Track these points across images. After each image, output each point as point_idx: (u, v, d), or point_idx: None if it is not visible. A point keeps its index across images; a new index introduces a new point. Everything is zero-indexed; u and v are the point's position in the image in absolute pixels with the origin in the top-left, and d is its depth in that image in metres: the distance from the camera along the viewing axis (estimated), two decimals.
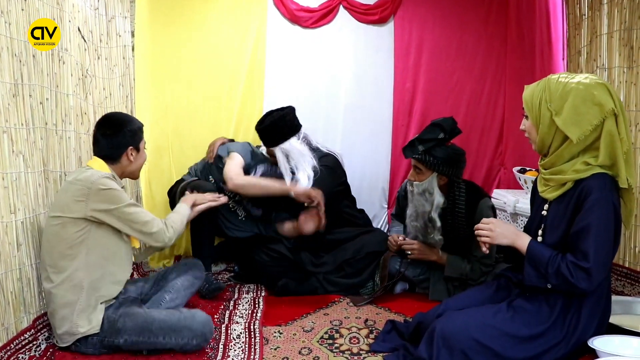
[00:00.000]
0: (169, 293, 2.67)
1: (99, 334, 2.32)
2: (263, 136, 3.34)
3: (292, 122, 3.34)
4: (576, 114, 2.08)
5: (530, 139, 2.25)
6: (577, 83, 2.11)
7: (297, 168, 3.27)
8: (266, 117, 3.37)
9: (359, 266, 3.26)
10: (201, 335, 2.35)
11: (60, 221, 2.30)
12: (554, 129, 2.14)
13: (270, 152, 3.38)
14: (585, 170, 2.10)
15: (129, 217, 2.35)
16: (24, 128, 2.34)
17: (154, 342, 2.32)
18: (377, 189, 4.19)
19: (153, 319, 2.34)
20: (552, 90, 2.13)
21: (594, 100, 2.07)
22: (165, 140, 3.91)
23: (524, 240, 2.19)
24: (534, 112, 2.17)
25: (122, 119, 2.53)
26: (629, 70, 2.99)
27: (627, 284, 3.00)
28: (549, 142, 2.17)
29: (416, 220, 3.05)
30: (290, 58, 4.02)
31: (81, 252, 2.31)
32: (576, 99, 2.08)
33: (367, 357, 2.39)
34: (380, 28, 4.10)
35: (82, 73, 2.93)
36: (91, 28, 3.07)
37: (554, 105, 2.11)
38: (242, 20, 3.95)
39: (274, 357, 2.39)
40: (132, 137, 2.48)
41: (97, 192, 2.28)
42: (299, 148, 3.31)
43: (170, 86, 3.91)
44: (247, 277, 3.45)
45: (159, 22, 3.82)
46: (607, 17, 3.16)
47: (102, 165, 2.43)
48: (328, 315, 2.88)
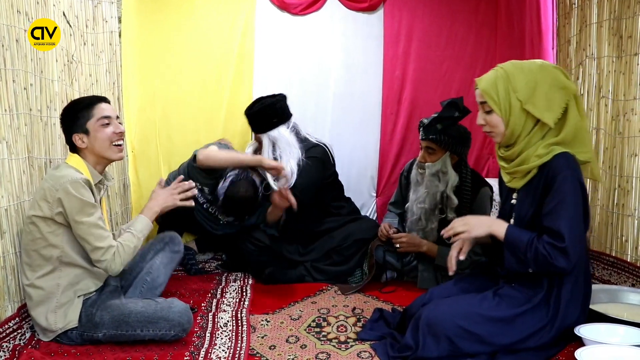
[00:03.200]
0: (149, 274, 2.63)
1: (77, 328, 2.30)
2: (252, 121, 3.31)
3: (282, 110, 3.31)
4: (547, 99, 2.12)
5: (495, 132, 2.23)
6: (540, 69, 2.15)
7: (281, 157, 3.24)
8: (256, 102, 3.34)
9: (346, 254, 3.25)
10: (178, 325, 2.31)
11: (33, 220, 2.25)
12: (524, 118, 2.15)
13: (258, 138, 3.35)
14: (547, 154, 2.13)
15: (83, 234, 2.23)
16: (7, 114, 2.30)
17: (132, 334, 2.30)
18: (366, 177, 4.17)
19: (130, 312, 2.30)
20: (515, 80, 2.14)
21: (559, 84, 2.13)
22: (152, 128, 3.88)
23: (501, 226, 2.19)
24: (502, 105, 2.16)
25: (65, 108, 2.42)
26: (618, 59, 2.99)
27: (614, 272, 3.02)
28: (519, 131, 2.17)
29: (424, 202, 3.05)
30: (279, 45, 3.99)
31: (56, 252, 2.26)
32: (544, 86, 2.12)
33: (354, 345, 2.39)
34: (370, 15, 4.07)
35: (68, 59, 2.89)
36: (77, 13, 3.02)
37: (522, 94, 2.12)
38: (230, 7, 3.91)
39: (261, 345, 2.39)
40: (72, 123, 2.35)
41: (62, 194, 2.19)
42: (287, 137, 3.28)
43: (158, 73, 3.87)
44: (234, 265, 3.44)
45: (146, 8, 3.78)
46: (597, 7, 3.16)
47: (78, 162, 2.35)
48: (316, 304, 2.87)
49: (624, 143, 2.95)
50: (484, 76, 2.23)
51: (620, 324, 2.31)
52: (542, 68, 2.16)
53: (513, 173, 2.24)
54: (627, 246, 2.98)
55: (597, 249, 3.20)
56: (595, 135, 3.21)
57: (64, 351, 2.24)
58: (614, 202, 3.04)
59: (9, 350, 2.16)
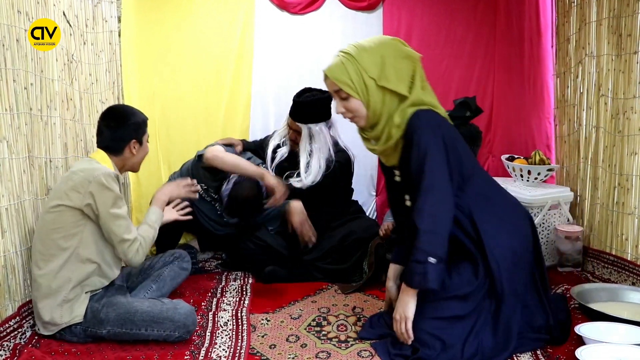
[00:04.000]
0: (156, 282, 2.67)
1: (81, 324, 2.31)
2: (299, 109, 3.36)
3: (329, 108, 3.37)
4: (396, 71, 2.18)
5: (357, 117, 2.27)
6: (380, 44, 2.22)
7: (312, 153, 3.31)
8: (306, 91, 3.41)
9: (346, 253, 3.25)
10: (183, 326, 2.33)
11: (58, 209, 2.29)
12: (381, 94, 2.19)
13: (296, 127, 3.38)
14: (403, 121, 2.19)
15: (113, 225, 2.30)
16: (7, 113, 2.31)
17: (137, 333, 2.31)
18: (366, 177, 4.17)
19: (136, 310, 2.32)
20: (363, 61, 2.18)
21: (403, 54, 2.21)
22: (152, 127, 3.78)
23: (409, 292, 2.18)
24: (359, 87, 2.19)
25: (127, 111, 2.55)
26: (618, 58, 2.99)
27: (614, 271, 3.02)
28: (379, 109, 2.21)
29: None
30: (278, 44, 3.99)
31: (74, 244, 2.30)
32: (390, 59, 2.18)
33: (354, 344, 2.39)
34: (369, 14, 4.07)
35: (68, 58, 2.89)
36: (76, 12, 3.02)
37: (373, 72, 2.17)
38: (230, 6, 3.90)
39: (262, 344, 2.39)
40: (136, 131, 2.50)
41: (96, 186, 2.26)
42: (326, 135, 3.36)
43: (158, 73, 3.86)
44: (234, 264, 3.44)
45: (145, 8, 3.77)
46: (596, 5, 3.16)
47: (104, 158, 2.43)
48: (316, 303, 2.87)
49: (624, 141, 2.94)
50: (330, 65, 2.26)
51: (620, 322, 2.31)
52: (382, 43, 2.23)
53: (384, 151, 2.30)
54: (627, 245, 2.98)
55: (597, 248, 3.20)
56: (594, 133, 3.21)
57: (65, 350, 2.25)
58: (614, 200, 3.04)
59: (10, 349, 2.17)
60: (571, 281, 3.05)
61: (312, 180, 3.34)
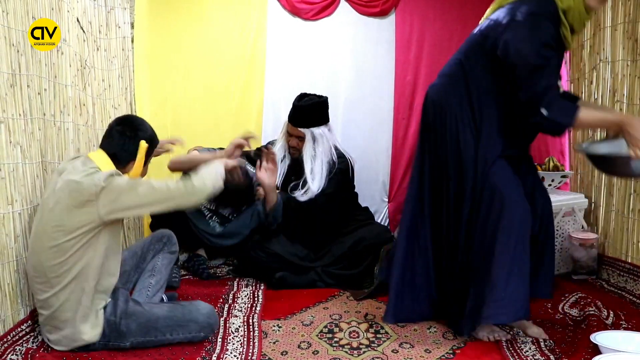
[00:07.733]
0: (153, 276, 2.64)
1: (101, 340, 2.24)
2: (300, 114, 3.36)
3: (327, 111, 3.40)
4: None
5: None
6: None
7: (316, 157, 3.32)
8: (304, 96, 3.41)
9: (357, 259, 3.24)
10: (208, 326, 2.35)
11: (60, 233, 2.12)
12: None
13: (297, 133, 3.37)
14: None
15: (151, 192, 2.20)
16: (21, 119, 2.32)
17: (162, 339, 2.30)
18: (378, 183, 4.16)
19: (157, 317, 2.30)
20: None
21: None
22: (164, 132, 3.85)
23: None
24: None
25: (147, 126, 2.40)
26: (633, 63, 2.97)
27: (630, 279, 2.98)
28: None
29: None
30: (290, 50, 3.99)
31: (79, 264, 2.15)
32: None
33: (366, 351, 2.37)
34: (382, 21, 4.07)
35: (81, 64, 2.90)
36: (90, 19, 3.05)
37: None
38: (242, 12, 3.92)
39: (273, 350, 2.38)
40: (153, 147, 2.43)
41: (106, 192, 2.11)
42: (328, 138, 3.38)
43: (170, 78, 3.88)
44: (246, 271, 3.43)
45: (158, 14, 3.79)
46: (611, 10, 3.14)
47: (105, 161, 2.27)
48: (328, 309, 2.86)
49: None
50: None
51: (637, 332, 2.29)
52: None
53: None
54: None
55: (613, 255, 3.17)
56: None
57: (76, 355, 2.23)
58: (629, 207, 3.01)
59: (22, 353, 2.16)
60: (585, 289, 3.01)
61: (318, 187, 3.33)
